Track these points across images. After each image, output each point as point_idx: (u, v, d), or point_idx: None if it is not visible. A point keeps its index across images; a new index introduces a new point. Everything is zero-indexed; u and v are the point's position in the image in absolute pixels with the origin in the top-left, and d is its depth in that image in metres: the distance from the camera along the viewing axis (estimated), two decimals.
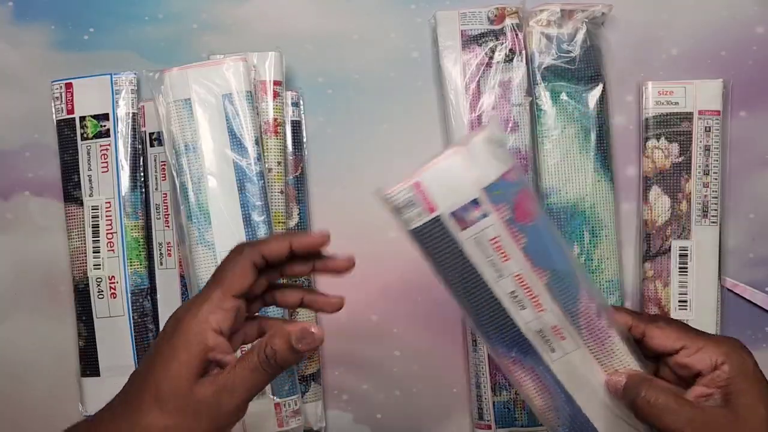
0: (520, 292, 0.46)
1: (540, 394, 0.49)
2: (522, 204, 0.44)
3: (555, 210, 0.67)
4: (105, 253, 0.69)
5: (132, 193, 0.69)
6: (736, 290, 0.68)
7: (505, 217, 0.44)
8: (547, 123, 0.67)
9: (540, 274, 0.45)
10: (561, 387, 0.49)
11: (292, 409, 0.66)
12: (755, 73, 0.69)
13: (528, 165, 0.67)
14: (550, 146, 0.67)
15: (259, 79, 0.67)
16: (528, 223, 0.44)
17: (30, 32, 0.72)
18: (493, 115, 0.66)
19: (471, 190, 0.44)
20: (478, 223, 0.44)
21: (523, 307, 0.46)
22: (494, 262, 0.45)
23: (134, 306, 0.69)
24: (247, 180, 0.64)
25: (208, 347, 0.45)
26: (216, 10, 0.71)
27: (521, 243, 0.45)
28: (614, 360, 0.48)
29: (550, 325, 0.47)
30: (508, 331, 0.47)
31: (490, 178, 0.43)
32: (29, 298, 0.72)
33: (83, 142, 0.70)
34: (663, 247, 0.68)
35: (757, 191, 0.69)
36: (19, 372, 0.72)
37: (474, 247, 0.45)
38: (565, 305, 0.46)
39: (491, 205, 0.44)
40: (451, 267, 0.46)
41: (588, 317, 0.47)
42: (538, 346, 0.48)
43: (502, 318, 0.47)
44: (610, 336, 0.48)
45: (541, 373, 0.49)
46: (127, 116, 0.70)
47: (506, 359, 0.49)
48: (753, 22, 0.69)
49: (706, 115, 0.67)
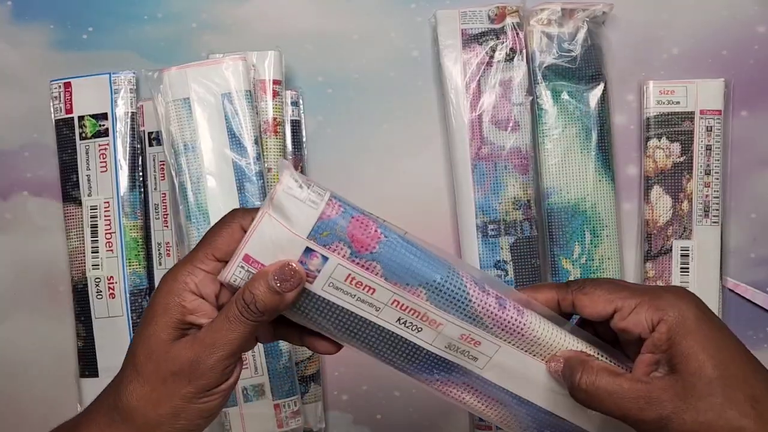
0: (407, 317, 0.43)
1: (489, 406, 0.46)
2: (356, 235, 0.41)
3: (556, 210, 0.67)
4: (104, 254, 0.69)
5: (131, 193, 0.69)
6: (738, 290, 0.68)
7: (346, 254, 0.41)
8: (548, 122, 0.67)
9: (415, 292, 0.42)
10: (505, 391, 0.46)
11: (292, 409, 0.66)
12: (756, 73, 0.69)
13: (529, 164, 0.67)
14: (551, 146, 0.67)
15: (259, 78, 0.67)
16: (372, 250, 0.41)
17: (29, 32, 0.72)
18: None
19: (298, 243, 0.41)
20: (323, 269, 0.41)
21: (419, 329, 0.43)
22: (362, 298, 0.42)
23: (133, 306, 0.69)
24: (247, 180, 0.64)
25: (186, 309, 0.41)
26: (215, 9, 0.71)
27: (377, 271, 0.42)
28: (544, 346, 0.44)
29: (456, 336, 0.43)
30: (418, 356, 0.44)
31: (309, 224, 0.40)
32: (29, 298, 0.72)
33: (82, 142, 0.69)
34: (664, 247, 0.67)
35: (758, 191, 0.69)
36: (19, 372, 0.72)
37: (334, 292, 0.42)
38: (459, 311, 0.43)
39: (325, 249, 0.41)
40: (330, 321, 0.43)
41: (490, 314, 0.43)
42: (456, 360, 0.45)
43: (405, 347, 0.44)
44: (524, 324, 0.44)
45: (478, 385, 0.46)
46: (126, 116, 0.69)
47: (435, 384, 0.46)
48: (754, 21, 0.68)
49: (707, 115, 0.67)
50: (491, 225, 0.67)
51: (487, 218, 0.66)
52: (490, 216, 0.67)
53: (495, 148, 0.67)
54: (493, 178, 0.67)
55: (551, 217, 0.67)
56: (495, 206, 0.67)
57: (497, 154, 0.67)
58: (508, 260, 0.66)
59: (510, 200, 0.66)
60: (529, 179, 0.67)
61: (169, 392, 0.41)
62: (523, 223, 0.67)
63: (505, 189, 0.67)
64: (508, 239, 0.66)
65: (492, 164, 0.67)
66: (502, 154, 0.67)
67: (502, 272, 0.66)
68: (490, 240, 0.67)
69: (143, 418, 0.41)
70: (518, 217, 0.67)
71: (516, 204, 0.66)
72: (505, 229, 0.66)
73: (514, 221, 0.66)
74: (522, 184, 0.67)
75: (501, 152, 0.67)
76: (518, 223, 0.67)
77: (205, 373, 0.41)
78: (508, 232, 0.67)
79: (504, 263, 0.66)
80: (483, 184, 0.67)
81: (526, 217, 0.67)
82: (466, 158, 0.67)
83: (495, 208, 0.67)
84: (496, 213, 0.67)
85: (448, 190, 0.70)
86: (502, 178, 0.67)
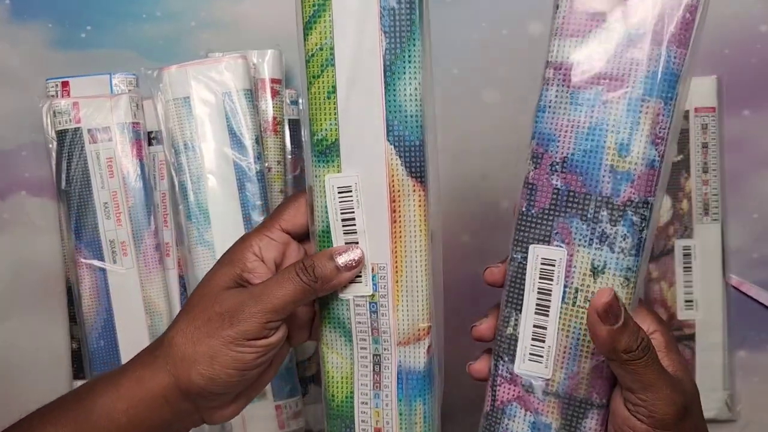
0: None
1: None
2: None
3: None
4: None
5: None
6: (742, 288, 0.68)
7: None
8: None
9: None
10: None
11: (293, 410, 0.65)
12: (758, 72, 0.68)
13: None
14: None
15: (259, 77, 0.66)
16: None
17: (27, 31, 0.71)
18: None
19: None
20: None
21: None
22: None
23: None
24: (247, 179, 0.64)
25: (245, 267, 0.44)
26: (214, 7, 0.71)
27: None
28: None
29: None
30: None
31: None
32: (26, 299, 0.71)
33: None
34: (666, 247, 0.67)
35: (760, 191, 0.69)
36: (15, 374, 0.72)
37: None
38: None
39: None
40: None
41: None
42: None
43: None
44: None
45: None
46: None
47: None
48: (756, 20, 0.68)
49: (701, 113, 0.67)
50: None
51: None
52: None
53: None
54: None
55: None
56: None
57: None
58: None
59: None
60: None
61: (210, 331, 0.42)
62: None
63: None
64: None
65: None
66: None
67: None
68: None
69: (181, 353, 0.43)
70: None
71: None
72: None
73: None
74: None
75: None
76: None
77: (246, 320, 0.42)
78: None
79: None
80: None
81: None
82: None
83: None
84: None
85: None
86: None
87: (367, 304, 0.46)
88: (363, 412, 0.47)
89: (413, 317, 0.45)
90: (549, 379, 0.44)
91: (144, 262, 0.66)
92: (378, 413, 0.47)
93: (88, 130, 0.66)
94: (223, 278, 0.44)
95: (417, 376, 0.46)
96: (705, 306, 0.67)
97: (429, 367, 0.47)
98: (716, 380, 0.67)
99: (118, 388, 0.44)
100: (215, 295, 0.44)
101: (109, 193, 0.66)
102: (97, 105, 0.66)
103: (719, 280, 0.67)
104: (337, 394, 0.48)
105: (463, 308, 0.49)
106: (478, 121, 0.69)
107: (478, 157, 0.69)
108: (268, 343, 0.43)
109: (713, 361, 0.67)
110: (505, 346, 0.45)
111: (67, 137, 0.66)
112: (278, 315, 0.43)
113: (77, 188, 0.66)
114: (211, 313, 0.43)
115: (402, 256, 0.45)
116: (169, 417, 0.44)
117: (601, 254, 0.42)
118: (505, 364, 0.45)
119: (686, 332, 0.67)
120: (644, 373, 0.39)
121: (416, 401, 0.47)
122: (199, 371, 0.42)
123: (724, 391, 0.67)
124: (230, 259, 0.45)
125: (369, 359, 0.47)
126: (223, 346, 0.42)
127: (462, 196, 0.69)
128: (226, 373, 0.43)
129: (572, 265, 0.42)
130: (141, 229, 0.66)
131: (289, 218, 0.46)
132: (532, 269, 0.44)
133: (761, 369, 0.69)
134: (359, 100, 0.44)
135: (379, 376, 0.47)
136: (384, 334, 0.46)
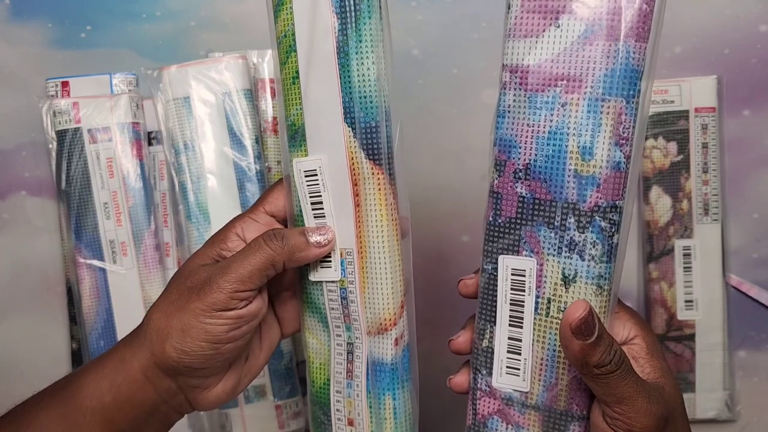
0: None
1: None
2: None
3: None
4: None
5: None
6: (742, 288, 0.68)
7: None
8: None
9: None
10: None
11: (293, 410, 0.65)
12: (758, 72, 0.68)
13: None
14: None
15: (259, 77, 0.66)
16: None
17: (27, 30, 0.71)
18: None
19: None
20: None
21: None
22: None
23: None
24: (247, 179, 0.64)
25: (225, 246, 0.45)
26: (214, 7, 0.71)
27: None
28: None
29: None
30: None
31: None
32: (26, 299, 0.71)
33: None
34: (666, 247, 0.67)
35: (760, 191, 0.69)
36: (15, 374, 0.72)
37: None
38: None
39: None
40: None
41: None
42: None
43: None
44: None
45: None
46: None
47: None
48: (756, 20, 0.68)
49: (702, 113, 0.67)
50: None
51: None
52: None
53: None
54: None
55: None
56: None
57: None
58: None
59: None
60: None
61: (181, 305, 0.43)
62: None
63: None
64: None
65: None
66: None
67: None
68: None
69: (156, 327, 0.43)
70: None
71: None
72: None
73: None
74: None
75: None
76: None
77: (214, 291, 0.42)
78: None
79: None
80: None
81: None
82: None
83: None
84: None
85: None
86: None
87: (338, 289, 0.45)
88: (338, 401, 0.47)
89: (377, 307, 0.45)
90: (527, 392, 0.43)
91: (144, 262, 0.66)
92: (350, 403, 0.47)
93: (88, 130, 0.66)
94: (201, 257, 0.45)
95: (384, 368, 0.45)
96: (705, 306, 0.67)
97: (397, 360, 0.46)
98: (716, 380, 0.67)
99: (102, 368, 0.45)
100: (190, 271, 0.44)
101: (109, 193, 0.66)
102: (97, 105, 0.66)
103: (719, 280, 0.67)
104: (317, 380, 0.48)
105: (464, 308, 0.49)
106: (478, 121, 0.69)
107: (478, 157, 0.69)
108: (238, 314, 0.43)
109: (713, 361, 0.67)
110: (483, 359, 0.44)
111: (67, 137, 0.66)
112: (246, 285, 0.43)
113: (77, 188, 0.66)
114: (182, 288, 0.44)
115: (365, 242, 0.44)
116: (153, 396, 0.44)
117: (571, 263, 0.40)
118: (484, 377, 0.44)
119: (686, 332, 0.67)
120: (617, 386, 0.38)
121: (384, 395, 0.46)
122: (173, 344, 0.43)
123: (724, 391, 0.67)
124: (213, 240, 0.46)
125: (343, 347, 0.46)
126: (193, 318, 0.42)
127: (462, 196, 0.69)
128: (198, 345, 0.43)
129: (543, 274, 0.41)
130: (141, 229, 0.66)
131: (273, 201, 0.47)
132: (503, 280, 0.42)
133: (761, 369, 0.69)
134: (317, 83, 0.43)
135: (351, 365, 0.46)
136: (355, 321, 0.45)
